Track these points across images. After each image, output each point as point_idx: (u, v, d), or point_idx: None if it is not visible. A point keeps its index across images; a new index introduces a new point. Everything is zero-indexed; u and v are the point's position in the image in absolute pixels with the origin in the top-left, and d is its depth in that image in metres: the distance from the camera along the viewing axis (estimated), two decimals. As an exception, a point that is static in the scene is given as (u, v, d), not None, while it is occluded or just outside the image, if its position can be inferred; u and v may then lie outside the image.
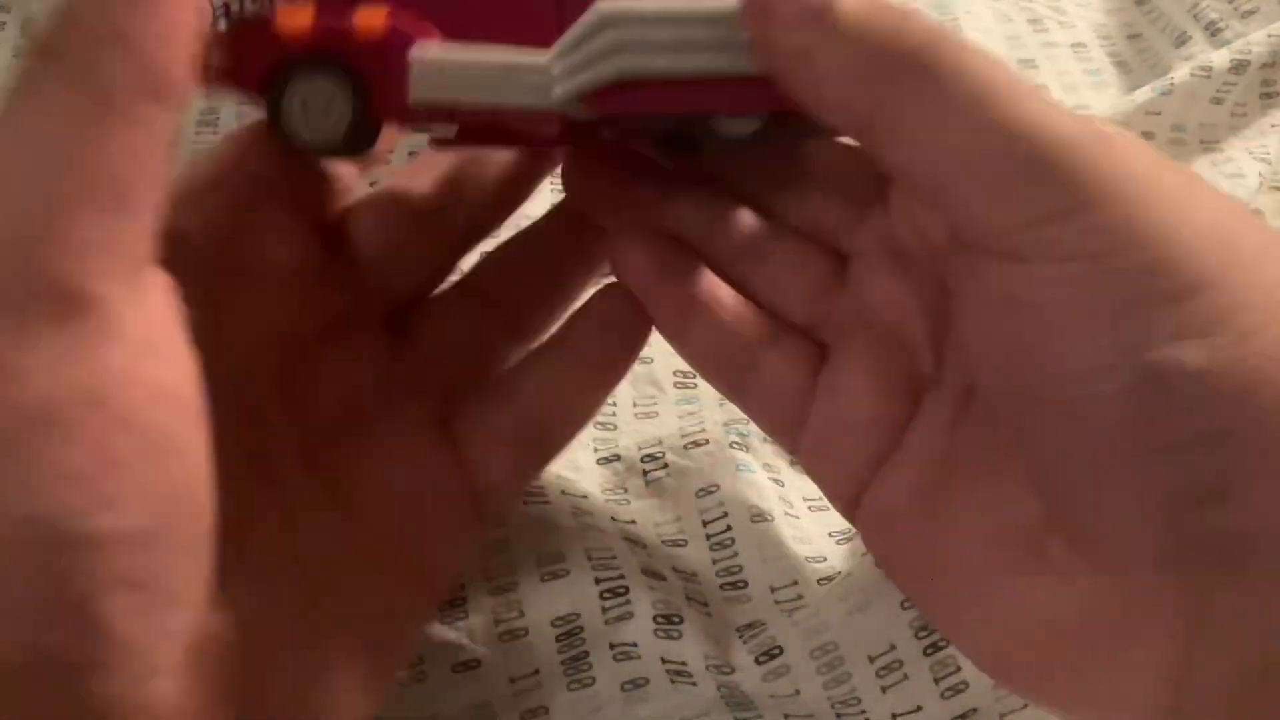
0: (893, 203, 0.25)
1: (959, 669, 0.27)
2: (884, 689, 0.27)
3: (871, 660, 0.28)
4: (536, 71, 0.21)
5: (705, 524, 0.31)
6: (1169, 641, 0.19)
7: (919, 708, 0.27)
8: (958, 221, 0.21)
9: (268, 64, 0.20)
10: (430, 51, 0.21)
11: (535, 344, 0.28)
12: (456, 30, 0.21)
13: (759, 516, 0.30)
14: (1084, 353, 0.19)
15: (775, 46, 0.21)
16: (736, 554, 0.30)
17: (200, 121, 0.41)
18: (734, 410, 0.32)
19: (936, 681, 0.27)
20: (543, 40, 0.21)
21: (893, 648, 0.27)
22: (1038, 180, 0.19)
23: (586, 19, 0.21)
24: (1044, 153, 0.19)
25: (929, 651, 0.27)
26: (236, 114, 0.41)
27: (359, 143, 0.22)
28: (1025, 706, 0.27)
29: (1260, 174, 0.41)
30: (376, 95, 0.21)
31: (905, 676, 0.27)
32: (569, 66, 0.21)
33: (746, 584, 0.30)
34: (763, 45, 0.21)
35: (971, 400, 0.23)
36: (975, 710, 0.27)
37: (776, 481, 0.31)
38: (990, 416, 0.22)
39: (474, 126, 0.23)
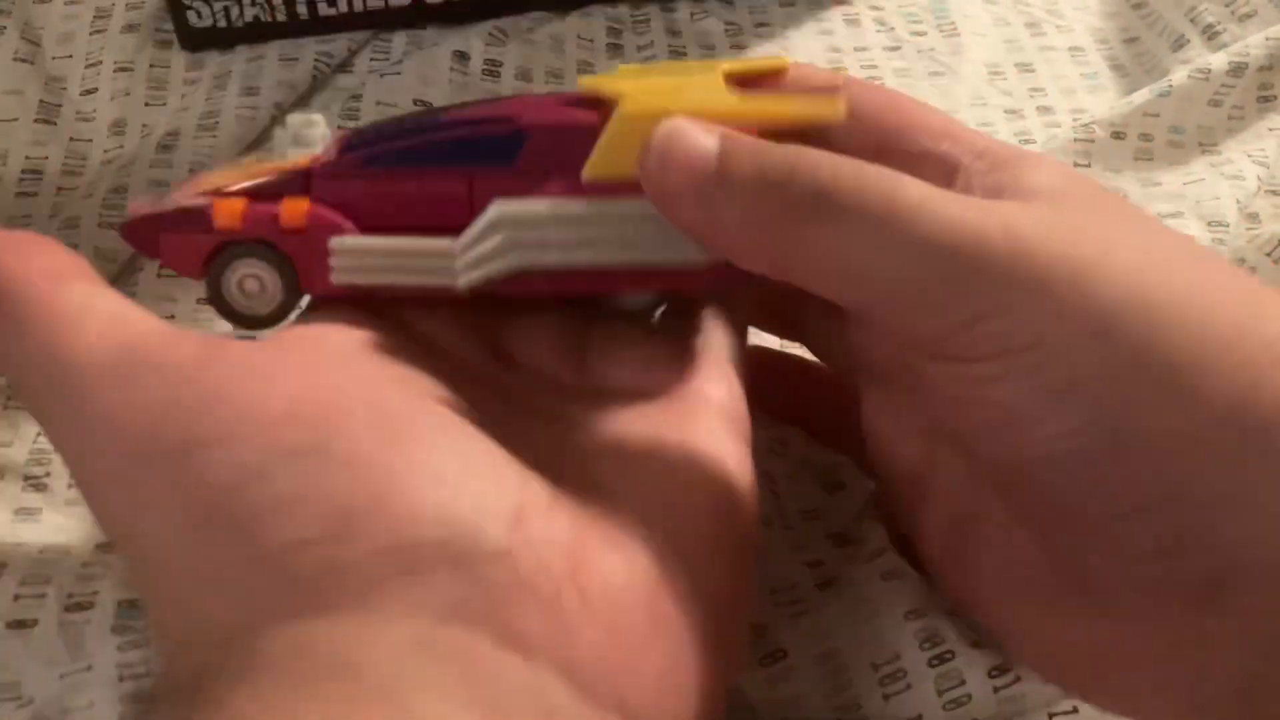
0: None
1: (964, 682, 0.27)
2: (886, 697, 0.27)
3: (875, 669, 0.28)
4: (444, 257, 0.23)
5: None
6: (1172, 664, 0.20)
7: (919, 716, 0.27)
8: (889, 334, 0.22)
9: (207, 249, 0.23)
10: (349, 241, 0.23)
11: None
12: (373, 218, 0.23)
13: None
14: (1039, 434, 0.20)
15: (680, 220, 0.22)
16: (736, 558, 0.30)
17: (199, 126, 0.41)
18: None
19: (940, 694, 0.27)
20: (456, 224, 0.23)
21: (897, 657, 0.28)
22: (951, 291, 0.20)
23: (484, 219, 0.23)
24: (952, 263, 0.20)
25: (934, 663, 0.27)
26: (235, 118, 0.41)
27: (288, 314, 0.24)
28: (1022, 713, 0.27)
29: (1259, 177, 0.42)
30: (303, 276, 0.23)
31: (908, 686, 0.27)
32: (472, 259, 0.23)
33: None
34: (669, 217, 0.22)
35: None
36: (975, 720, 0.27)
37: (774, 493, 0.31)
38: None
39: None
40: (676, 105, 0.22)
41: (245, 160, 0.26)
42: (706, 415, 0.24)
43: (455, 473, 0.19)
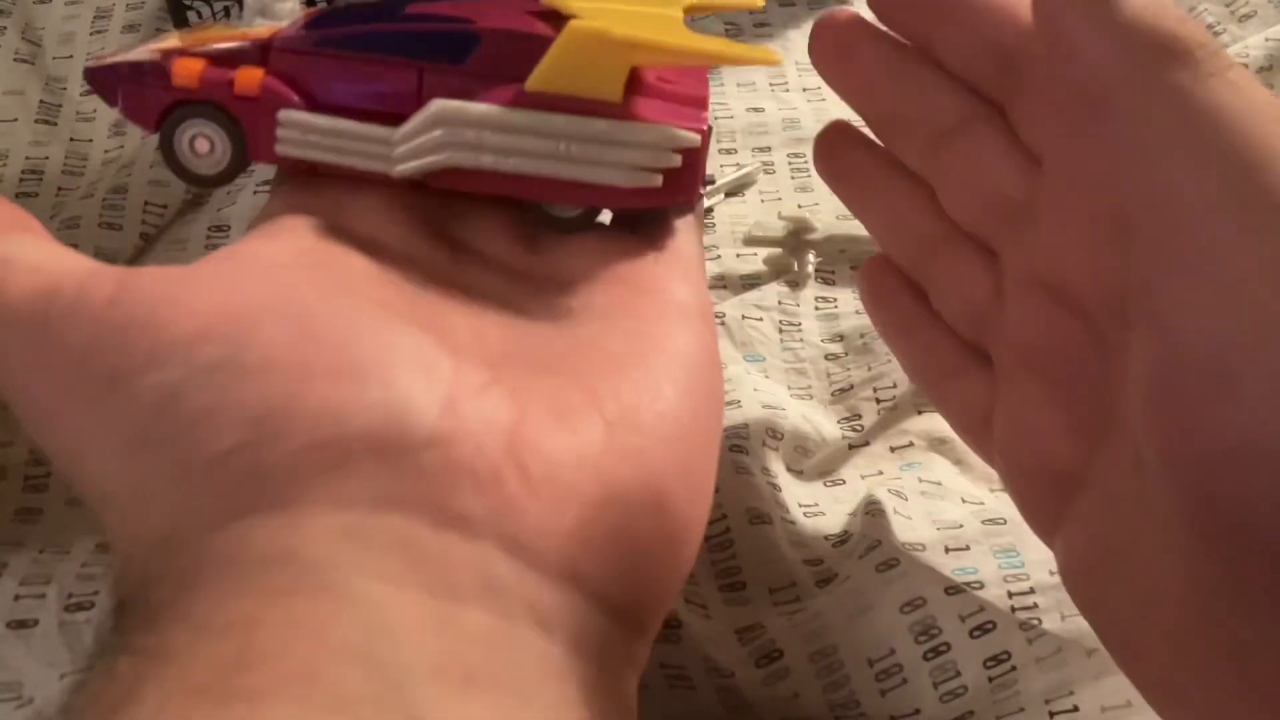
0: (1046, 228, 0.23)
1: (958, 674, 0.27)
2: (883, 693, 0.28)
3: (871, 664, 0.28)
4: (384, 144, 0.24)
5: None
6: None
7: (917, 710, 0.27)
8: (1166, 244, 0.19)
9: (163, 104, 0.24)
10: (296, 115, 0.24)
11: None
12: (323, 96, 0.24)
13: (758, 519, 0.30)
14: None
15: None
16: (735, 555, 0.30)
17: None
18: (733, 416, 0.32)
19: (935, 686, 0.27)
20: (401, 112, 0.24)
21: (892, 652, 0.28)
22: (1266, 222, 0.18)
23: (425, 112, 0.23)
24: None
25: (928, 656, 0.27)
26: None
27: (233, 177, 0.25)
28: (1021, 710, 0.27)
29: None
30: (250, 143, 0.24)
31: (904, 681, 0.27)
32: (408, 150, 0.24)
33: (745, 585, 0.30)
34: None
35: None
36: (972, 713, 0.27)
37: (774, 486, 0.31)
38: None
39: None
40: (629, 32, 0.23)
41: (211, 25, 0.26)
42: (666, 304, 0.24)
43: (377, 365, 0.20)
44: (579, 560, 0.19)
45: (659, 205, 0.25)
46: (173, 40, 0.25)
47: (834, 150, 0.28)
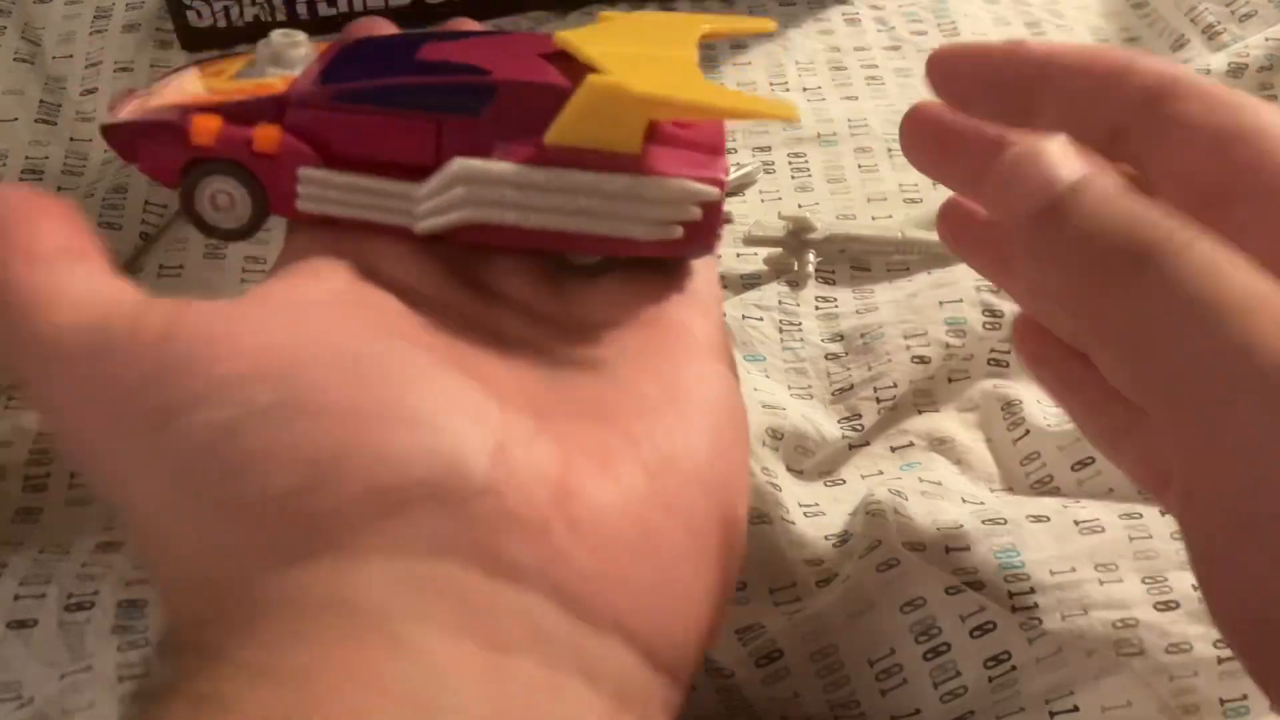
0: None
1: (958, 674, 0.27)
2: (883, 692, 0.28)
3: (871, 664, 0.28)
4: (406, 199, 0.24)
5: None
6: None
7: (917, 710, 0.27)
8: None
9: (182, 162, 0.24)
10: (316, 173, 0.24)
11: None
12: (342, 151, 0.24)
13: (758, 519, 0.30)
14: None
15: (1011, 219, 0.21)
16: (735, 556, 0.30)
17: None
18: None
19: (935, 686, 0.27)
20: (421, 164, 0.24)
21: (892, 651, 0.28)
22: (1255, 411, 0.17)
23: (446, 171, 0.24)
24: (1261, 382, 0.17)
25: (929, 656, 0.27)
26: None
27: (255, 230, 0.25)
28: (1021, 710, 0.27)
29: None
30: (272, 198, 0.25)
31: (904, 681, 0.27)
32: (431, 207, 0.24)
33: (745, 585, 0.30)
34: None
35: None
36: (972, 713, 0.27)
37: (774, 486, 0.31)
38: None
39: None
40: (646, 86, 0.22)
41: (226, 66, 0.26)
42: (691, 346, 0.24)
43: (430, 411, 0.20)
44: (623, 610, 0.19)
45: (679, 255, 0.25)
46: (186, 86, 0.25)
47: (955, 216, 0.28)
